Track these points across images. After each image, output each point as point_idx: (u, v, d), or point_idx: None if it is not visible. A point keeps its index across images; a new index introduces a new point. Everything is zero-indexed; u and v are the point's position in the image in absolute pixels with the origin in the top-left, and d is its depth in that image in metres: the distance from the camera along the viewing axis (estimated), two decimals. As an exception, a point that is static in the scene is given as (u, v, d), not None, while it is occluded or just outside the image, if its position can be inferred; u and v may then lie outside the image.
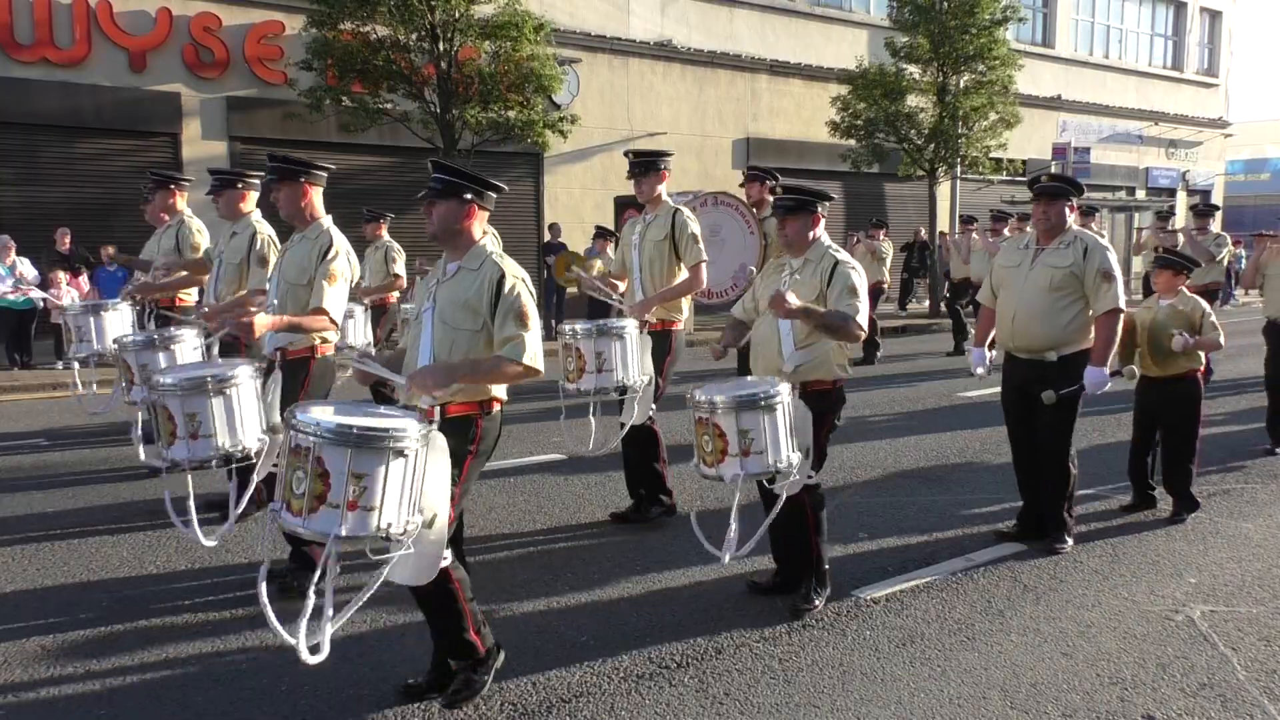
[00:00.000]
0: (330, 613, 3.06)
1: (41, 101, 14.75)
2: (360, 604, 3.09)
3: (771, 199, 8.03)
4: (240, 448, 4.11)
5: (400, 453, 3.01)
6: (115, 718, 3.59)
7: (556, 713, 3.63)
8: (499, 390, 3.63)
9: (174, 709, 3.65)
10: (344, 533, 2.93)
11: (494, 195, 3.69)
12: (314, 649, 3.03)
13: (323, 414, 3.06)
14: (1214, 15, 32.54)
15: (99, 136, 15.39)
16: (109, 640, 4.24)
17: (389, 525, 3.00)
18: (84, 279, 13.17)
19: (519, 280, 3.57)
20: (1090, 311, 5.19)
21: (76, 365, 6.84)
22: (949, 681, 3.86)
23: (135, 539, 5.58)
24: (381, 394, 6.13)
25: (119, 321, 6.61)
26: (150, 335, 5.77)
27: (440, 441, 3.22)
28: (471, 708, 3.62)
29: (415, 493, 3.11)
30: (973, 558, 5.30)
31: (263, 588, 3.03)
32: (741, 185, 8.07)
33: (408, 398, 3.45)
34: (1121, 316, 5.16)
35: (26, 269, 12.76)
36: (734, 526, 4.11)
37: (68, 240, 13.42)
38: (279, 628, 2.99)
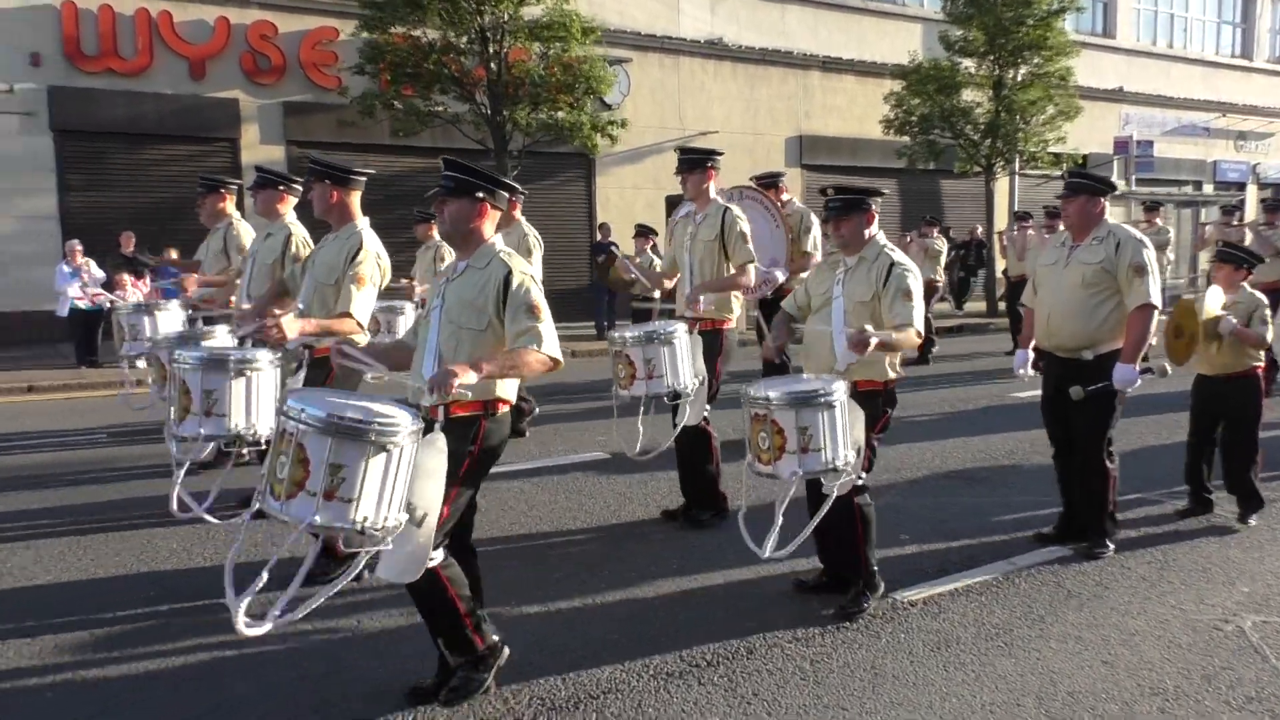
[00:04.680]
0: (290, 595, 3.01)
1: (107, 110, 15.23)
2: (328, 596, 3.08)
3: (787, 197, 8.07)
4: (253, 431, 4.16)
5: (383, 447, 2.97)
6: (154, 703, 3.69)
7: (585, 708, 3.64)
8: (506, 392, 3.59)
9: (210, 695, 3.74)
10: (319, 521, 2.90)
11: (506, 195, 3.67)
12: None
13: (312, 401, 3.02)
14: (1286, 2, 31.51)
15: (161, 143, 15.85)
16: (153, 629, 4.36)
17: (366, 519, 2.96)
18: (146, 280, 13.54)
19: (526, 276, 3.53)
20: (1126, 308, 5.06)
21: (126, 364, 7.05)
22: (983, 687, 3.80)
23: (184, 531, 5.72)
24: None
25: (170, 321, 6.79)
26: (183, 334, 5.89)
27: (440, 441, 3.21)
28: (500, 702, 3.65)
29: (399, 489, 3.06)
30: (1015, 561, 5.20)
31: (230, 566, 3.07)
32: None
33: (415, 395, 3.46)
34: (1156, 313, 5.02)
35: (94, 270, 13.17)
36: (779, 522, 4.06)
37: (131, 243, 13.83)
38: (230, 594, 3.03)
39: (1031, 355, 5.58)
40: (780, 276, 7.58)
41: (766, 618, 4.46)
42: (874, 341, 4.10)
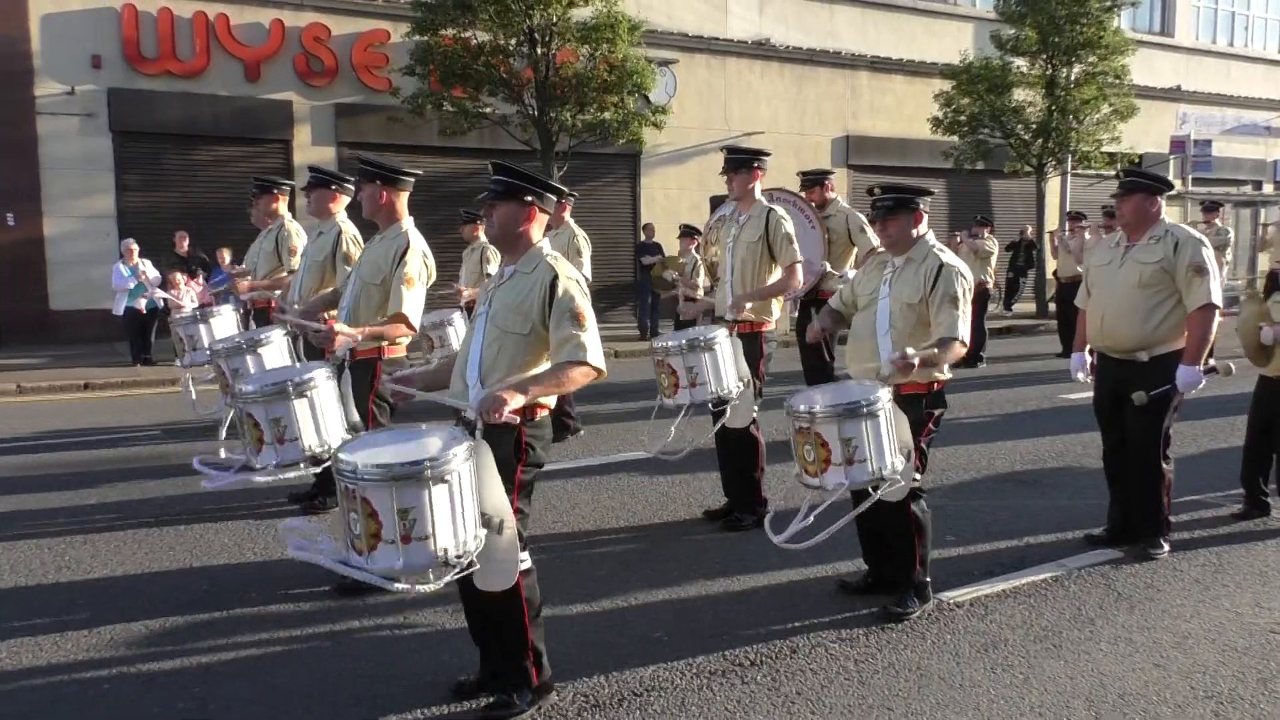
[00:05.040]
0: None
1: (164, 111, 15.57)
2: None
3: (832, 196, 8.03)
4: (327, 447, 4.22)
5: (441, 479, 2.98)
6: (207, 695, 3.77)
7: (628, 706, 3.65)
8: (545, 398, 3.55)
9: (262, 689, 3.81)
10: (401, 566, 2.94)
11: (554, 198, 3.65)
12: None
13: (360, 454, 3.03)
14: (1352, -3, 30.61)
15: (216, 144, 16.16)
16: (206, 623, 4.45)
17: (446, 550, 3.00)
18: (199, 280, 13.83)
19: (572, 281, 3.50)
20: (1184, 309, 4.96)
21: (189, 374, 7.16)
22: (1030, 689, 3.74)
23: (236, 527, 5.83)
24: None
25: (224, 326, 6.89)
26: (238, 340, 5.94)
27: (484, 449, 3.20)
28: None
29: (469, 510, 3.08)
30: (1065, 563, 5.12)
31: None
32: (801, 190, 8.05)
33: (456, 397, 3.47)
34: (1217, 313, 4.91)
35: (149, 270, 13.46)
36: (802, 517, 4.02)
37: (186, 243, 14.12)
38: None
39: (1089, 358, 5.48)
40: (826, 268, 7.57)
41: (810, 618, 4.44)
42: (916, 363, 4.07)
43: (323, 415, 4.28)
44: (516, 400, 3.22)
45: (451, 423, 3.48)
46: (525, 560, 3.43)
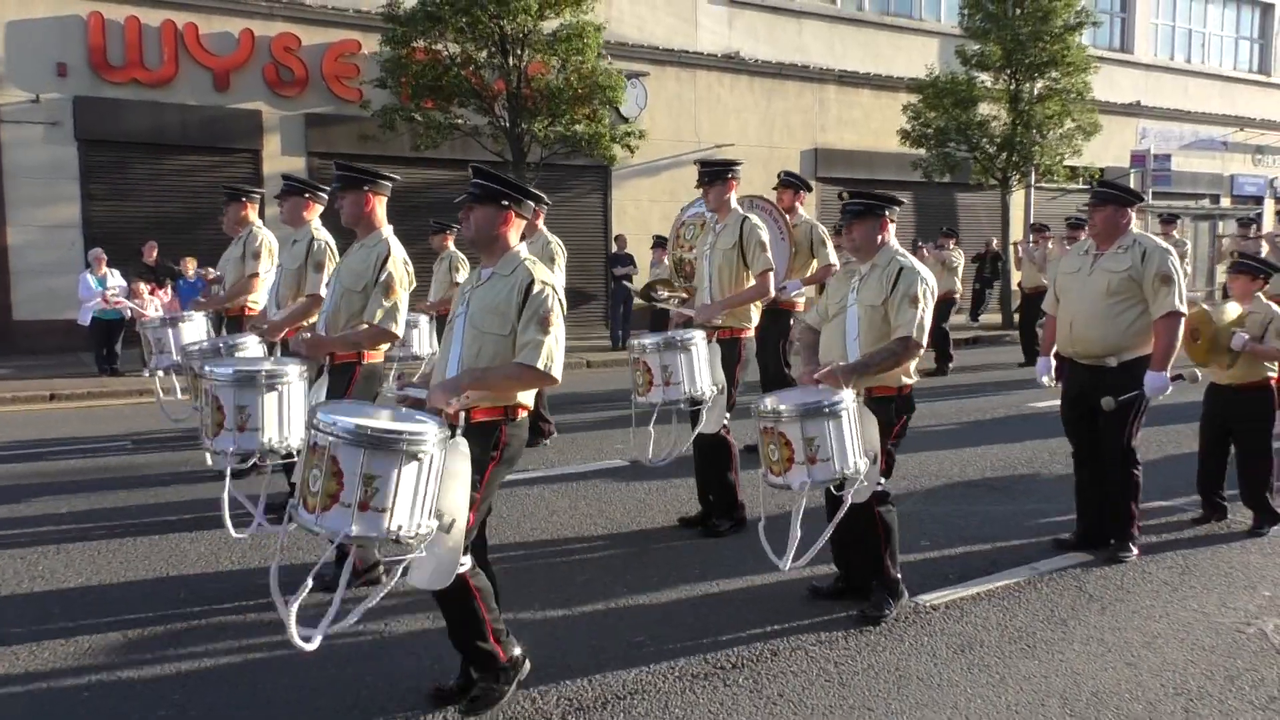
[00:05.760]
0: (336, 608, 3.07)
1: (131, 120, 15.40)
2: (369, 606, 3.15)
3: (800, 207, 8.09)
4: (285, 444, 4.23)
5: (414, 456, 3.02)
6: (189, 703, 3.75)
7: (612, 709, 3.68)
8: (524, 397, 3.62)
9: (245, 695, 3.80)
10: (354, 532, 2.96)
11: (532, 204, 3.72)
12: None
13: (343, 414, 3.08)
14: (1303, 17, 31.43)
15: (184, 153, 15.99)
16: (185, 631, 4.43)
17: (399, 528, 3.02)
18: (167, 290, 13.69)
19: (548, 285, 3.55)
20: (1151, 316, 5.09)
21: (159, 376, 7.15)
22: (1007, 689, 3.82)
23: (212, 536, 5.79)
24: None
25: (194, 332, 6.88)
26: (215, 343, 5.96)
27: (463, 447, 3.25)
28: (528, 703, 3.69)
29: (430, 497, 3.11)
30: (1037, 566, 5.22)
31: (273, 574, 3.12)
32: (775, 189, 8.07)
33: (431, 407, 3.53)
34: (1183, 320, 5.05)
35: (116, 280, 13.31)
36: (796, 534, 4.10)
37: (154, 253, 13.97)
38: (285, 614, 3.03)
39: (1053, 363, 5.61)
40: (795, 293, 7.60)
41: (789, 621, 4.50)
42: (840, 373, 4.22)
43: (288, 412, 4.29)
44: (453, 389, 3.35)
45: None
46: (466, 563, 3.44)
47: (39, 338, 14.79)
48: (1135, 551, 5.31)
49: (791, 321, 7.45)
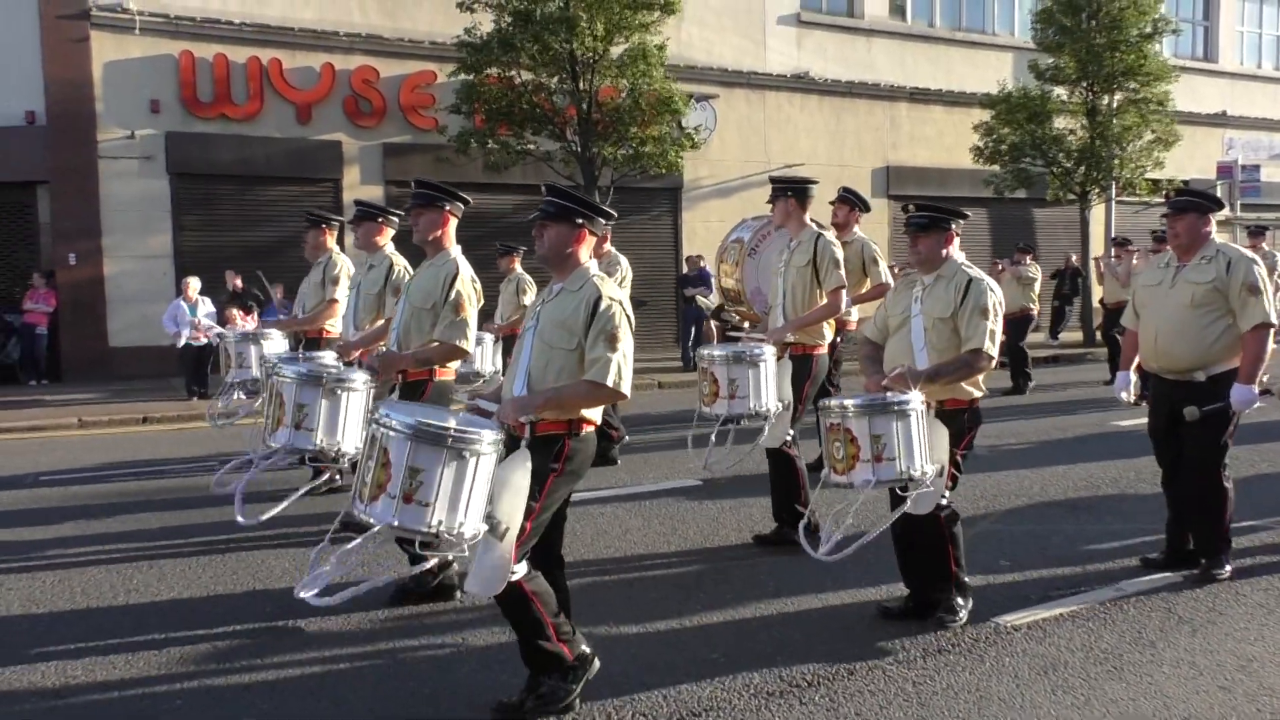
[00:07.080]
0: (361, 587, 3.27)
1: (219, 153, 16.05)
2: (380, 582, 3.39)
3: (856, 225, 7.97)
4: (336, 448, 4.34)
5: (460, 454, 3.09)
6: (275, 711, 3.86)
7: (686, 725, 3.68)
8: (591, 413, 3.66)
9: (327, 705, 3.90)
10: (396, 523, 3.06)
11: (604, 221, 3.77)
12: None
13: (400, 410, 3.21)
14: (1402, 19, 30.17)
15: (269, 184, 16.61)
16: (271, 642, 4.55)
17: (440, 523, 3.09)
18: (254, 315, 14.14)
19: (615, 302, 3.59)
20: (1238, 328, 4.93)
21: (235, 392, 7.39)
22: (1093, 711, 3.72)
23: (296, 552, 5.95)
24: None
25: (275, 349, 7.11)
26: (293, 355, 6.12)
27: (525, 458, 3.31)
28: (604, 717, 3.71)
29: (477, 499, 3.16)
30: (1123, 587, 5.07)
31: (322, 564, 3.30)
32: (832, 203, 7.98)
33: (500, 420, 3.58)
34: (1272, 332, 4.89)
35: (207, 307, 13.82)
36: (839, 534, 4.08)
37: (237, 281, 14.49)
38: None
39: (1134, 378, 5.47)
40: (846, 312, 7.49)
41: (865, 639, 4.44)
42: (915, 374, 4.20)
43: (345, 417, 4.41)
44: (525, 408, 3.44)
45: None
46: (519, 570, 3.47)
47: (133, 363, 15.42)
48: (1228, 569, 5.12)
49: (839, 339, 7.37)
